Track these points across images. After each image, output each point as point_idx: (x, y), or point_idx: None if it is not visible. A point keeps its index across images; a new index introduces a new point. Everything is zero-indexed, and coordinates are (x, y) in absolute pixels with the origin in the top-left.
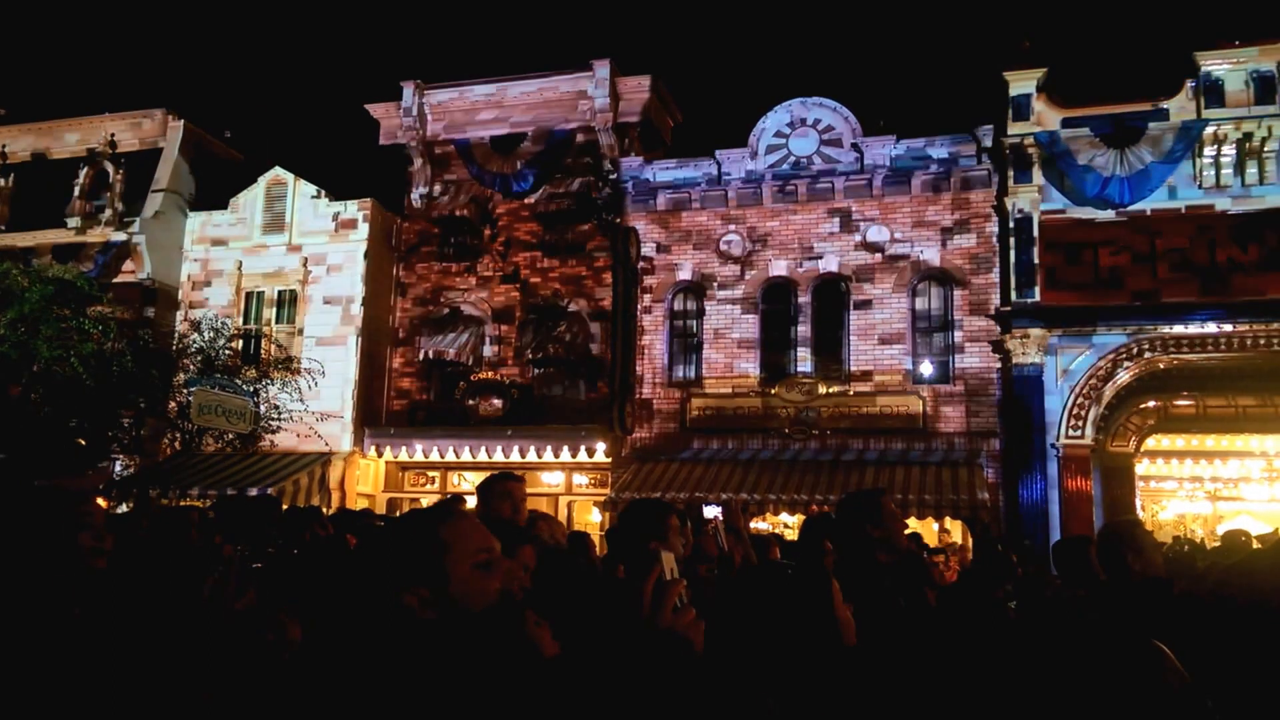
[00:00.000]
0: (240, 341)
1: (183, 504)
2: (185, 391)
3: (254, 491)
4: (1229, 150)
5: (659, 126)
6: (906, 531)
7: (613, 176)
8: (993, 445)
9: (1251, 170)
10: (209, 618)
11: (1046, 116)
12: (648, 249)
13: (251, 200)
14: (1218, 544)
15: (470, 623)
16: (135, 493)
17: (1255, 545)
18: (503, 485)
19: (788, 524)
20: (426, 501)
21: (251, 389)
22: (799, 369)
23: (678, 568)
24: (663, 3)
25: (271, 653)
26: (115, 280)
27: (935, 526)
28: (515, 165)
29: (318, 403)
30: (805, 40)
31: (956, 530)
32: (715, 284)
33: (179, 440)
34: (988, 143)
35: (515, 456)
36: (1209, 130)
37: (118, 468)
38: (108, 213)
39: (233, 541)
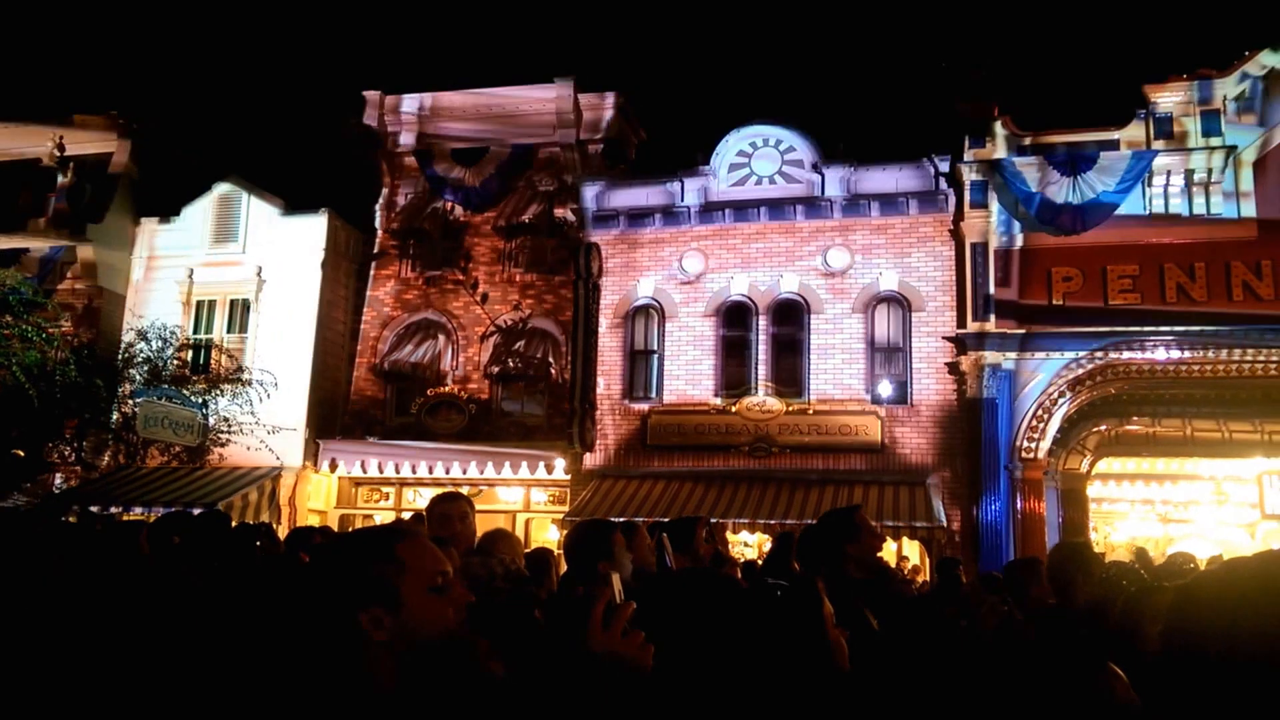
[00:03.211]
0: (190, 352)
1: (126, 518)
2: (131, 403)
3: (200, 507)
4: (1177, 179)
5: (623, 144)
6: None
7: (576, 191)
8: (950, 466)
9: (1199, 199)
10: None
11: (1001, 144)
12: (608, 267)
13: (204, 209)
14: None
15: (423, 647)
16: (75, 508)
17: (1200, 566)
18: (449, 505)
19: (748, 543)
20: (380, 518)
21: (200, 401)
22: (758, 389)
23: (622, 591)
24: (629, 23)
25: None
26: (60, 287)
27: (893, 547)
28: (478, 179)
29: (269, 416)
30: (768, 64)
31: (914, 551)
32: (675, 303)
33: (123, 453)
34: (944, 168)
35: (473, 473)
36: (1158, 160)
37: (57, 481)
38: (54, 219)
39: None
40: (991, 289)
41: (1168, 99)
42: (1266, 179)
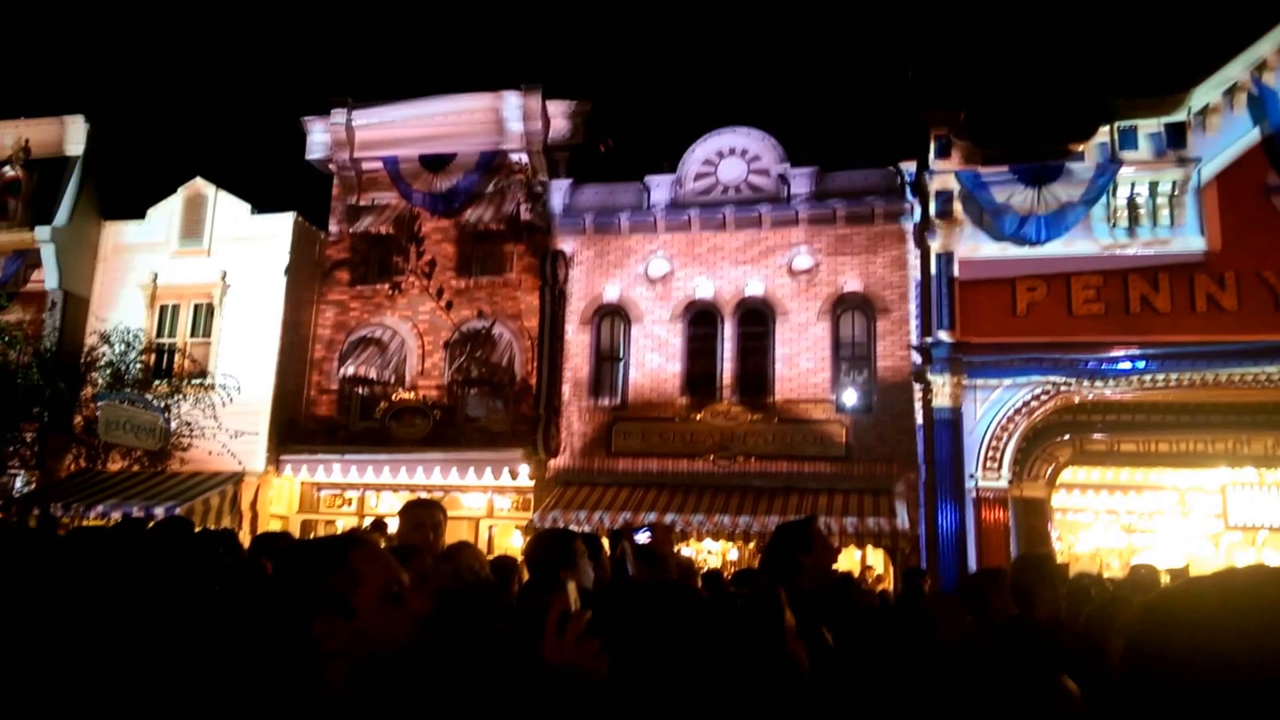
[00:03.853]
0: (153, 355)
1: (85, 523)
2: (93, 406)
3: (161, 511)
4: (1142, 194)
5: (588, 150)
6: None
7: (541, 198)
8: (913, 474)
9: (1163, 214)
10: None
11: (968, 155)
12: (574, 272)
13: (169, 211)
14: (1120, 576)
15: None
16: (35, 511)
17: (1164, 578)
18: (424, 512)
19: (711, 551)
20: (343, 524)
21: (162, 405)
22: (723, 394)
23: (580, 598)
24: (595, 29)
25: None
26: (23, 290)
27: (857, 555)
28: (443, 185)
29: (232, 420)
30: (736, 71)
31: (878, 559)
32: (641, 307)
33: (83, 456)
34: (911, 178)
35: (436, 478)
36: (1123, 174)
37: (18, 484)
38: (17, 219)
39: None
40: (956, 298)
41: (1133, 114)
42: (1230, 193)
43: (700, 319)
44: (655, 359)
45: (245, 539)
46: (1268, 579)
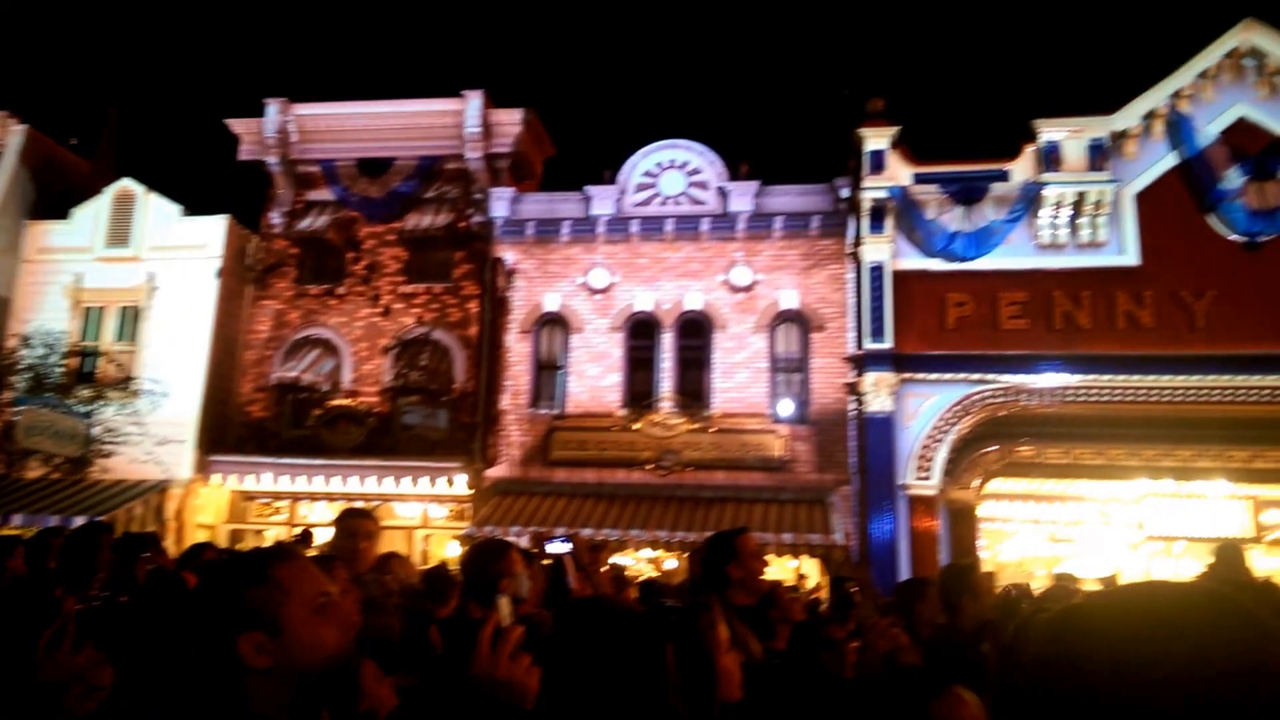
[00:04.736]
0: (76, 360)
1: (2, 532)
2: (11, 410)
3: (81, 521)
4: (1065, 211)
5: (531, 159)
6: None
7: (482, 205)
8: (847, 484)
9: (1085, 231)
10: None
11: (899, 172)
12: (515, 280)
13: (96, 211)
14: (1046, 585)
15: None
16: None
17: (1092, 585)
18: (357, 521)
19: (649, 560)
20: (273, 534)
21: (85, 410)
22: (661, 404)
23: (516, 610)
24: (539, 39)
25: (78, 700)
26: None
27: (792, 564)
28: (382, 189)
29: (158, 427)
30: (678, 85)
31: (814, 569)
32: (580, 317)
33: (1, 463)
34: (845, 193)
35: (371, 487)
36: (1047, 192)
37: None
38: None
39: (73, 589)
40: (887, 312)
41: (1056, 134)
42: (1150, 215)
43: (640, 330)
44: (595, 369)
45: (171, 549)
46: (1181, 595)
